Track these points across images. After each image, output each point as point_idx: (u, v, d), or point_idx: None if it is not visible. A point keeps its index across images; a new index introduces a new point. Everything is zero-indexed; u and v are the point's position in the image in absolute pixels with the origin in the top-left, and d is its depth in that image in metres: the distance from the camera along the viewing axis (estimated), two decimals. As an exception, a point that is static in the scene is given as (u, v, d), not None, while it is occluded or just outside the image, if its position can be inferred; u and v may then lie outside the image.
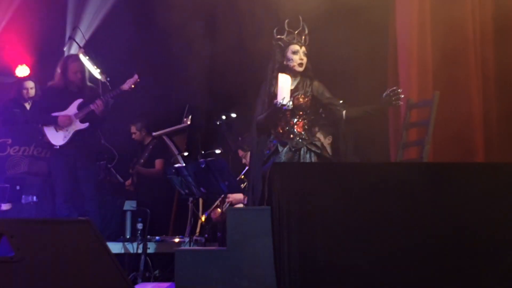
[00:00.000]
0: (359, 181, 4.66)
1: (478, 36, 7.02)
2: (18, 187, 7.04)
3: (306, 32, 5.60)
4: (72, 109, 7.06)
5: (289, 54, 5.55)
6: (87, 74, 7.21)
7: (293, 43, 5.56)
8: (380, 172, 4.74)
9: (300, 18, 5.61)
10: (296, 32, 5.58)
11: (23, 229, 3.74)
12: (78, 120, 7.02)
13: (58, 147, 7.04)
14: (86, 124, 7.03)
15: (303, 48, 5.56)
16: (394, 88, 5.32)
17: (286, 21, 5.60)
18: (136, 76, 7.13)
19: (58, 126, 7.04)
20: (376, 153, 7.36)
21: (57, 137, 7.04)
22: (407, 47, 7.01)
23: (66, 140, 7.01)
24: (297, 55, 5.54)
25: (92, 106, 6.97)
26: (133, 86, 7.12)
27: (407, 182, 4.65)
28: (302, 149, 5.47)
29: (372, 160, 7.05)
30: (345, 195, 4.61)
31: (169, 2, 7.78)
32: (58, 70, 7.20)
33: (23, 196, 6.69)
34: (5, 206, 6.67)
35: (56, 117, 7.02)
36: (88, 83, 7.22)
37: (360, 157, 7.14)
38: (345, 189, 4.62)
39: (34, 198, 6.69)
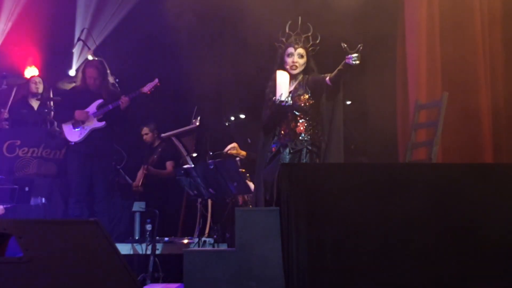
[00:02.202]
0: (367, 181, 4.64)
1: (487, 36, 6.99)
2: (27, 189, 7.06)
3: (310, 32, 5.60)
4: (92, 108, 7.15)
5: (285, 57, 5.59)
6: (109, 78, 7.32)
7: (290, 46, 5.57)
8: (388, 173, 4.73)
9: (299, 19, 5.61)
10: (294, 33, 5.59)
11: (32, 230, 3.75)
12: (95, 119, 7.10)
13: (73, 143, 7.12)
14: (103, 123, 7.11)
15: (299, 50, 5.55)
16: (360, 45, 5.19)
17: (289, 22, 5.61)
18: (156, 80, 7.22)
19: (75, 121, 7.11)
20: (385, 154, 7.34)
21: (73, 134, 7.15)
22: (416, 47, 6.99)
23: (81, 137, 7.11)
24: (291, 58, 5.57)
25: (119, 102, 7.04)
26: (152, 89, 7.20)
27: (416, 183, 4.63)
28: (303, 150, 5.47)
29: (381, 161, 7.03)
30: (353, 195, 4.59)
31: (179, 7, 7.81)
32: (80, 74, 7.38)
33: (32, 198, 6.69)
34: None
35: (74, 111, 7.11)
36: (111, 87, 7.31)
37: (368, 157, 7.12)
38: (354, 190, 4.61)
39: (43, 200, 6.71)
